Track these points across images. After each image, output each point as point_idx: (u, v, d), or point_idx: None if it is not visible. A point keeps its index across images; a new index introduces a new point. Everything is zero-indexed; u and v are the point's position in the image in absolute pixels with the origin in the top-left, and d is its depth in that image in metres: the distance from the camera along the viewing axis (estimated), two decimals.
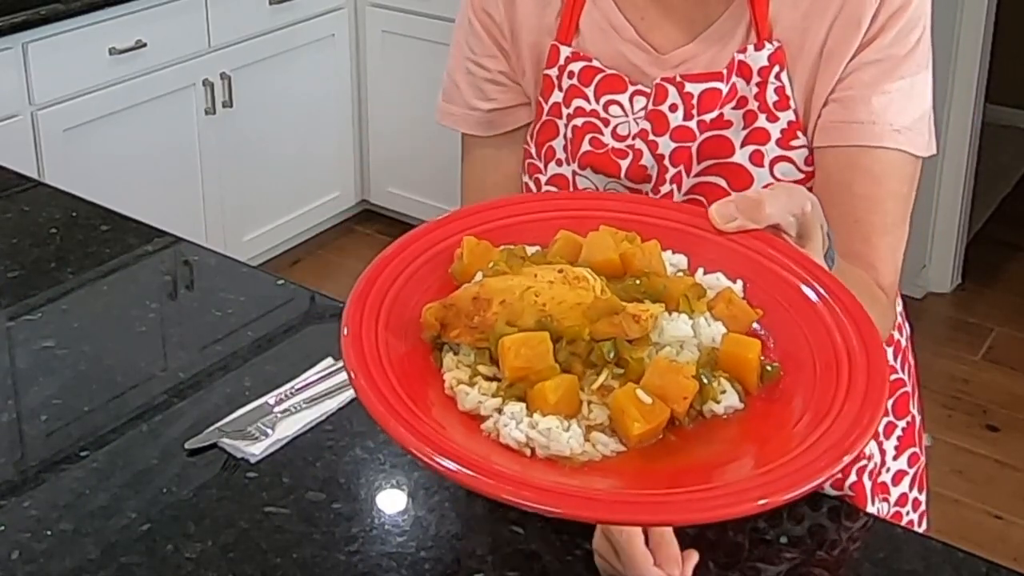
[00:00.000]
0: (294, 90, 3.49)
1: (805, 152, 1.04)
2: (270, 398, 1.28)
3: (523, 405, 0.74)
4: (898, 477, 1.26)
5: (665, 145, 1.06)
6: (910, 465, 1.27)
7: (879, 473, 1.24)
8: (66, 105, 2.88)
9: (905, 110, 1.02)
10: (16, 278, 1.53)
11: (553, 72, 1.10)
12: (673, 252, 0.84)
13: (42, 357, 1.37)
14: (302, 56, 3.49)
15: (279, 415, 1.25)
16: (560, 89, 1.10)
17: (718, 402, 0.75)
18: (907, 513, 1.28)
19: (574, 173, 1.11)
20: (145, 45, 2.99)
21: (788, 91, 1.03)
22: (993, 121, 3.88)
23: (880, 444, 1.23)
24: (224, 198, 3.37)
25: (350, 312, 0.78)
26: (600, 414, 0.74)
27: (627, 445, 0.73)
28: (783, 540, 1.10)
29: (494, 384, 0.76)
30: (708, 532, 1.10)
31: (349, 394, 1.28)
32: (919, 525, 1.31)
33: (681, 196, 1.06)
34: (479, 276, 0.81)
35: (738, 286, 0.82)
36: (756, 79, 1.03)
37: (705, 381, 0.75)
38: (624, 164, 1.07)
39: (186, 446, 1.21)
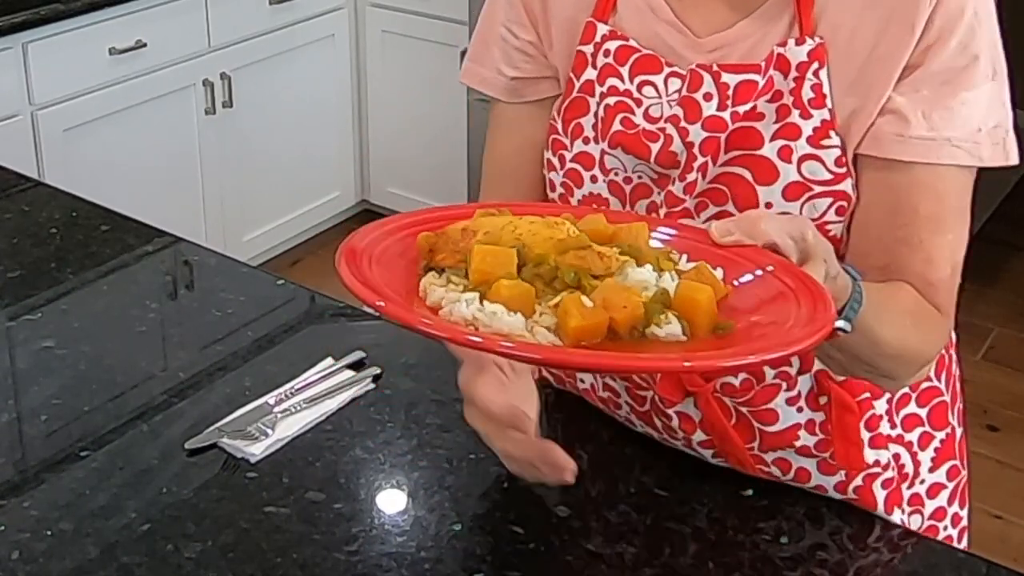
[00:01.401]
0: (294, 90, 3.49)
1: (836, 152, 1.02)
2: (270, 398, 1.28)
3: (479, 294, 0.78)
4: (934, 490, 1.22)
5: (696, 133, 1.04)
6: (949, 478, 1.23)
7: (911, 484, 1.20)
8: (66, 105, 2.88)
9: (969, 123, 1.00)
10: (16, 278, 1.53)
11: (588, 49, 1.10)
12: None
13: (42, 357, 1.37)
14: (302, 56, 3.49)
15: (279, 415, 1.25)
16: (594, 67, 1.09)
17: (660, 327, 0.77)
18: (945, 528, 1.24)
19: (603, 152, 1.09)
20: (145, 45, 2.99)
21: (825, 89, 1.01)
22: None
23: (914, 455, 1.20)
24: (224, 198, 3.37)
25: (347, 247, 0.83)
26: (548, 320, 0.78)
27: (564, 342, 0.76)
28: (783, 540, 1.10)
29: (461, 285, 0.81)
30: (709, 533, 1.10)
31: (349, 394, 1.28)
32: (959, 541, 1.27)
33: (705, 184, 1.05)
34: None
35: (717, 272, 0.84)
36: (794, 74, 1.01)
37: (653, 312, 0.78)
38: (655, 148, 1.06)
39: (186, 446, 1.21)
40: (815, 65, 1.01)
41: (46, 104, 2.84)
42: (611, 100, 1.08)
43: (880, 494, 1.18)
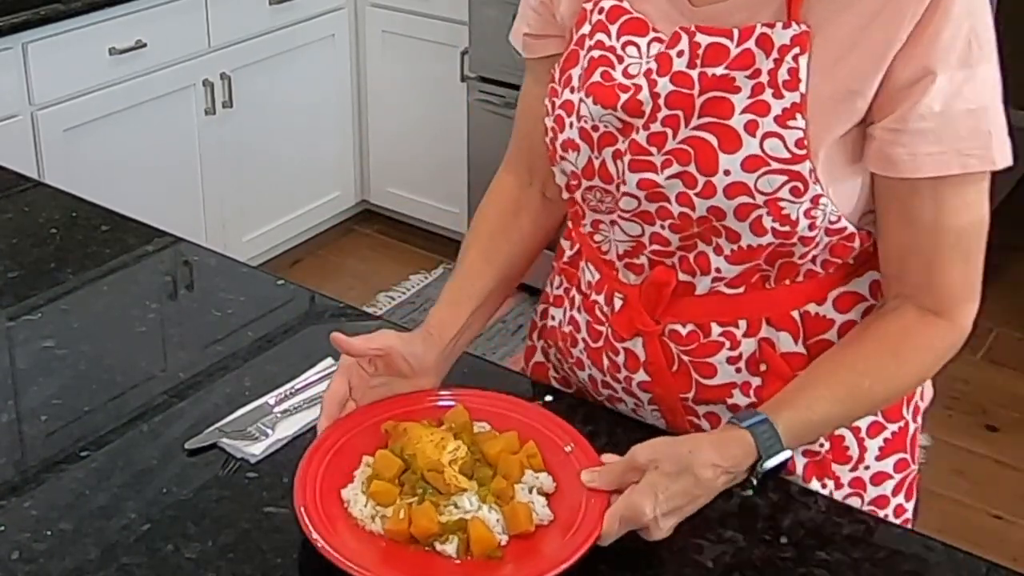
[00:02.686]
0: (294, 90, 3.49)
1: (798, 134, 1.05)
2: (270, 398, 1.28)
3: (365, 482, 1.11)
4: (879, 478, 1.25)
5: (663, 86, 1.10)
6: (896, 470, 1.26)
7: (854, 467, 1.24)
8: (66, 105, 2.88)
9: (978, 131, 1.05)
10: (16, 278, 1.53)
11: (588, 6, 1.18)
12: (547, 474, 1.12)
13: (42, 357, 1.37)
14: (302, 56, 3.49)
15: (279, 415, 1.26)
16: (590, 22, 1.17)
17: (439, 544, 1.05)
18: (885, 516, 1.26)
19: (580, 100, 1.16)
20: (145, 45, 2.99)
21: (801, 74, 1.05)
22: None
23: (861, 441, 1.23)
24: (224, 198, 3.37)
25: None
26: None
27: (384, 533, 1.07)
28: (783, 540, 1.10)
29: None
30: (709, 532, 1.10)
31: None
32: None
33: (675, 143, 1.10)
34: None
35: (546, 513, 1.08)
36: (774, 55, 1.05)
37: (443, 532, 1.05)
38: (624, 97, 1.12)
39: (186, 446, 1.22)
40: (796, 50, 1.05)
41: (46, 104, 2.84)
42: (595, 53, 1.16)
43: (800, 462, 1.23)
